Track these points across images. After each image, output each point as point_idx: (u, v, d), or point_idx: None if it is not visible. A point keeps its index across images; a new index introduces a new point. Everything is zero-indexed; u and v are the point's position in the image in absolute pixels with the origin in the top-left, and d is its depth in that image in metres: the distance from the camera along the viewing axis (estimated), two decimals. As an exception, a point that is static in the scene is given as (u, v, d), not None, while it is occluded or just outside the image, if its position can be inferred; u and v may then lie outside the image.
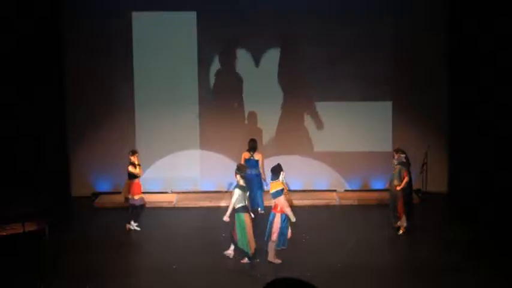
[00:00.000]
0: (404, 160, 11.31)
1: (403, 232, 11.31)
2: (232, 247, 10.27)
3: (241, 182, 10.07)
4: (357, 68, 13.70)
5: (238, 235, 9.94)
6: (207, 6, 13.67)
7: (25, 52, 12.96)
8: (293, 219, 9.91)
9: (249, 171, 12.23)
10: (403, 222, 11.31)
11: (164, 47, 13.76)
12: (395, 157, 11.34)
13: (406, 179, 11.19)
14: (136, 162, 11.66)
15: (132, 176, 11.59)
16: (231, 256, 10.30)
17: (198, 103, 13.88)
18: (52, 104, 13.51)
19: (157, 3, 13.75)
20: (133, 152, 11.74)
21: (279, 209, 9.90)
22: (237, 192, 9.96)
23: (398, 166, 11.26)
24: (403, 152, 11.34)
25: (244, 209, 9.99)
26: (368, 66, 13.70)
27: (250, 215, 10.22)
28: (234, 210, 9.99)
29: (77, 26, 13.59)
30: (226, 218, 10.10)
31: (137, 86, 13.83)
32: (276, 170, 9.97)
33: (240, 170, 10.18)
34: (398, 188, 11.17)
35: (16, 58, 12.93)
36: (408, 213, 11.32)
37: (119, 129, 13.88)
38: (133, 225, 11.73)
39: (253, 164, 12.37)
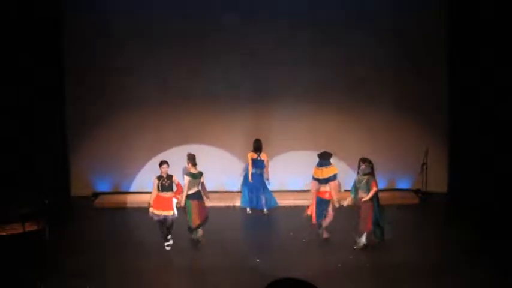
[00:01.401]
0: (371, 170, 10.71)
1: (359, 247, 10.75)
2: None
3: (192, 170, 10.77)
4: (357, 68, 13.70)
5: (187, 216, 10.76)
6: (209, 6, 13.68)
7: (25, 52, 12.95)
8: (337, 204, 10.76)
9: (253, 171, 12.44)
10: (362, 239, 10.75)
11: (165, 46, 13.75)
12: (362, 167, 10.71)
13: (374, 190, 10.62)
14: (162, 173, 10.70)
15: (159, 189, 10.66)
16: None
17: (198, 103, 13.89)
18: (52, 103, 13.50)
19: (158, 2, 13.74)
20: (160, 164, 10.79)
21: (327, 195, 10.69)
22: (186, 179, 10.71)
23: (366, 177, 10.67)
24: (370, 162, 10.73)
25: (193, 195, 10.71)
26: (368, 66, 13.71)
27: (202, 201, 10.81)
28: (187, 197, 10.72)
29: (77, 25, 13.58)
30: (181, 204, 10.75)
31: (137, 86, 13.83)
32: (328, 156, 10.76)
33: (190, 158, 10.84)
34: (364, 200, 10.61)
35: (16, 58, 12.92)
36: (383, 219, 10.81)
37: (119, 129, 13.88)
38: (165, 244, 10.80)
39: (259, 164, 12.51)
